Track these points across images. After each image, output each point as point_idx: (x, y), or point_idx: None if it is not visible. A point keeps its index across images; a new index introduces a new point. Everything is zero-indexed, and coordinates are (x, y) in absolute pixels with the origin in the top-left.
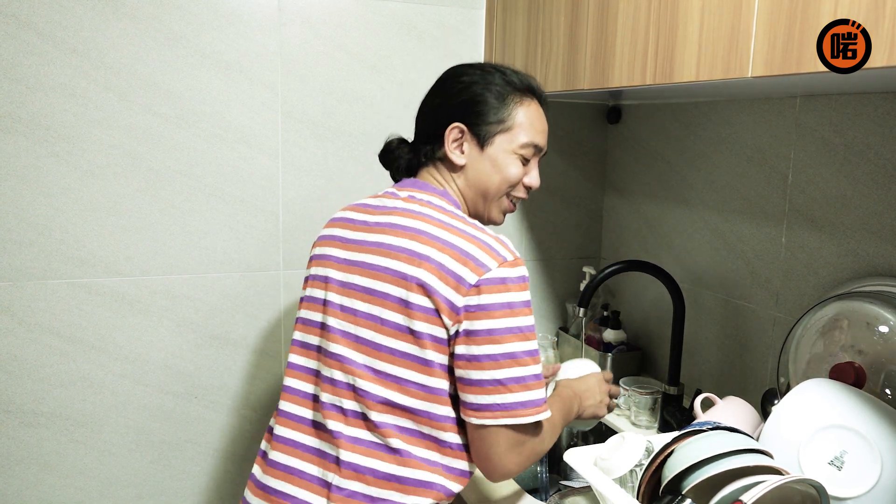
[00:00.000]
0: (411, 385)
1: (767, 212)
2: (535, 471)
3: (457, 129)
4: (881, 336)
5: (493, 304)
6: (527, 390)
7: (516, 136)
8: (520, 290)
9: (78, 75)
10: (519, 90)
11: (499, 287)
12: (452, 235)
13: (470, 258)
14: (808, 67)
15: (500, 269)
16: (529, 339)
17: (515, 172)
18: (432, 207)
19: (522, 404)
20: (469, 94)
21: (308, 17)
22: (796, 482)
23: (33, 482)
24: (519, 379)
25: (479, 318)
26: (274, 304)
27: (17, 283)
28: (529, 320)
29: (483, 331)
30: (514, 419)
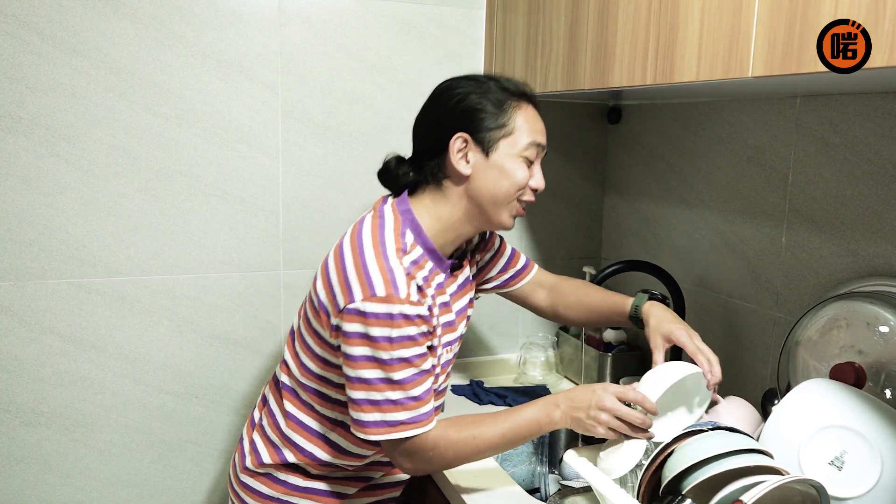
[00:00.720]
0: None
1: (767, 212)
2: (535, 471)
3: (461, 139)
4: (881, 336)
5: (352, 332)
6: (380, 412)
7: (519, 139)
8: (383, 326)
9: (78, 75)
10: (515, 95)
11: (357, 318)
12: (350, 255)
13: (347, 284)
14: (809, 67)
15: (363, 302)
16: (388, 371)
17: (522, 175)
18: (373, 224)
19: (374, 423)
20: (468, 104)
21: (308, 17)
22: (796, 482)
23: (33, 482)
24: (372, 402)
25: (341, 339)
26: (274, 304)
27: (17, 283)
28: (394, 353)
29: (344, 353)
30: (368, 436)
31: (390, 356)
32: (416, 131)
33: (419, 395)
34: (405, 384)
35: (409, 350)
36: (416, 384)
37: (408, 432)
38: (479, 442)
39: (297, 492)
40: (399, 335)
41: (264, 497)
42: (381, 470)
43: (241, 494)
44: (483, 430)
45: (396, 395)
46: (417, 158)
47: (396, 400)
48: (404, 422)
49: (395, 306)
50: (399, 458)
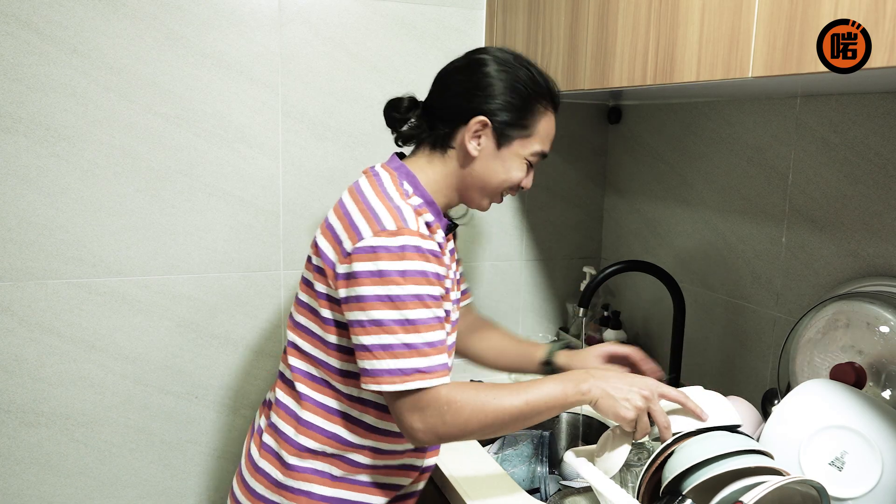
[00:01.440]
0: (313, 336)
1: (768, 212)
2: (535, 471)
3: (481, 123)
4: (881, 336)
5: (362, 272)
6: (393, 358)
7: (532, 143)
8: (394, 259)
9: (78, 75)
10: (547, 99)
11: (368, 255)
12: (352, 203)
13: (353, 226)
14: (809, 68)
15: (374, 237)
16: (402, 308)
17: (519, 176)
18: (370, 178)
19: (388, 371)
20: (510, 92)
21: (308, 17)
22: (797, 483)
23: (34, 482)
24: (385, 346)
25: (351, 284)
26: (274, 304)
27: (17, 283)
28: (406, 290)
29: (352, 297)
30: (379, 386)
31: (403, 292)
32: (438, 91)
33: (434, 341)
34: (419, 325)
35: (423, 287)
36: (431, 328)
37: (422, 382)
38: (498, 404)
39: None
40: (412, 269)
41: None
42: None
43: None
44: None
45: (411, 338)
46: (430, 112)
47: (411, 344)
48: (420, 369)
49: (405, 237)
50: (408, 415)
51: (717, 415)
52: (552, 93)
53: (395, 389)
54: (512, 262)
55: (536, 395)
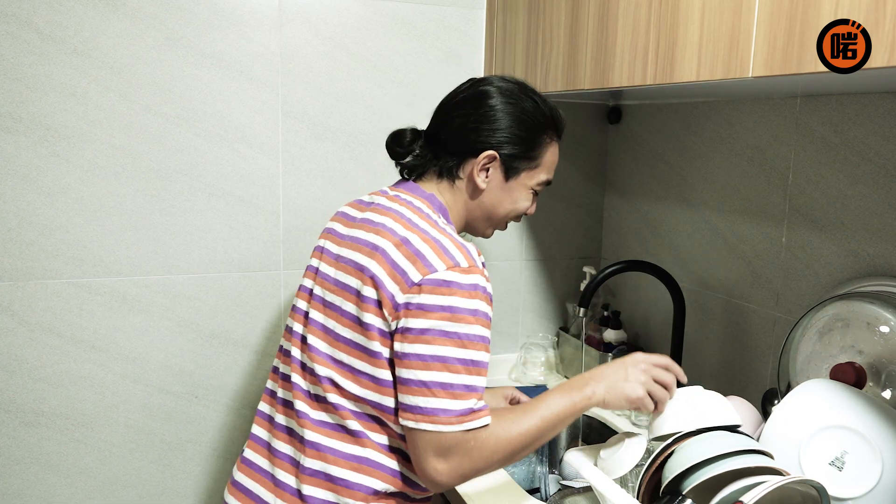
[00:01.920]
0: (362, 375)
1: (768, 212)
2: (535, 471)
3: (489, 157)
4: (881, 336)
5: (432, 305)
6: (453, 398)
7: (539, 174)
8: (467, 297)
9: (78, 75)
10: (551, 127)
11: (441, 289)
12: (410, 233)
13: (420, 256)
14: (809, 68)
15: (448, 271)
16: (468, 348)
17: (526, 206)
18: (408, 207)
19: (445, 411)
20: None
21: (308, 17)
22: (797, 483)
23: (34, 482)
24: (445, 385)
25: (416, 315)
26: (274, 304)
27: (17, 283)
28: (474, 329)
29: (416, 329)
30: (433, 426)
31: (472, 332)
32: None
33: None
34: (481, 368)
35: (486, 330)
36: (485, 375)
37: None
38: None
39: None
40: (481, 310)
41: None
42: None
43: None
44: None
45: (472, 380)
46: (434, 145)
47: (471, 386)
48: (475, 410)
49: (477, 277)
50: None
51: (717, 415)
52: (557, 122)
53: (451, 430)
54: (512, 262)
55: (549, 411)
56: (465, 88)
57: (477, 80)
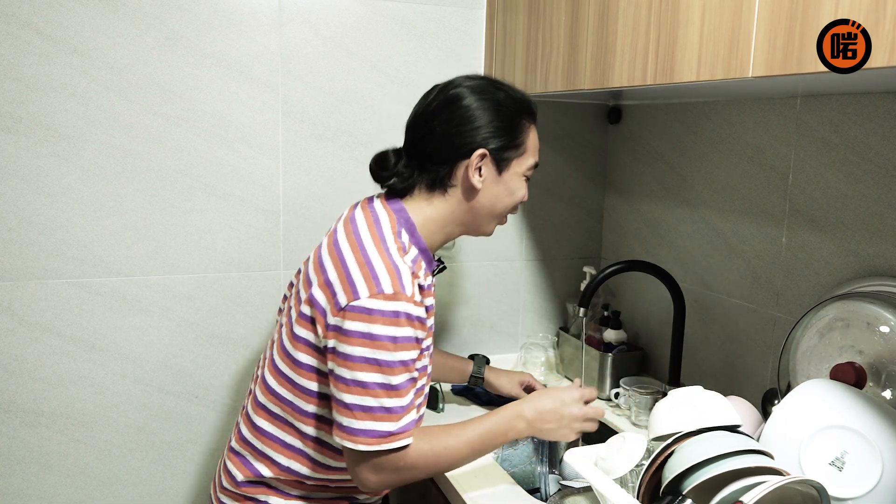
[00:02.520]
0: (284, 378)
1: (768, 212)
2: (535, 471)
3: (480, 156)
4: (881, 336)
5: (353, 331)
6: (373, 420)
7: (527, 159)
8: (387, 325)
9: (79, 75)
10: (528, 114)
11: (363, 316)
12: (350, 253)
13: (350, 281)
14: (809, 68)
15: (369, 299)
16: (386, 374)
17: (521, 194)
18: (370, 222)
19: (365, 432)
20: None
21: (308, 17)
22: (797, 483)
23: (34, 481)
24: (366, 408)
25: (340, 340)
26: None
27: (17, 283)
28: (394, 356)
29: (341, 353)
30: (355, 445)
31: (392, 358)
32: (423, 134)
33: (407, 403)
34: (400, 390)
35: (409, 353)
36: (407, 391)
37: (394, 443)
38: (448, 455)
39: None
40: (403, 336)
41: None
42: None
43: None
44: (452, 443)
45: (391, 403)
46: (418, 158)
47: (391, 408)
48: (393, 433)
49: (402, 304)
50: (365, 472)
51: (717, 415)
52: (531, 106)
53: (369, 450)
54: (512, 262)
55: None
56: (434, 96)
57: (443, 86)
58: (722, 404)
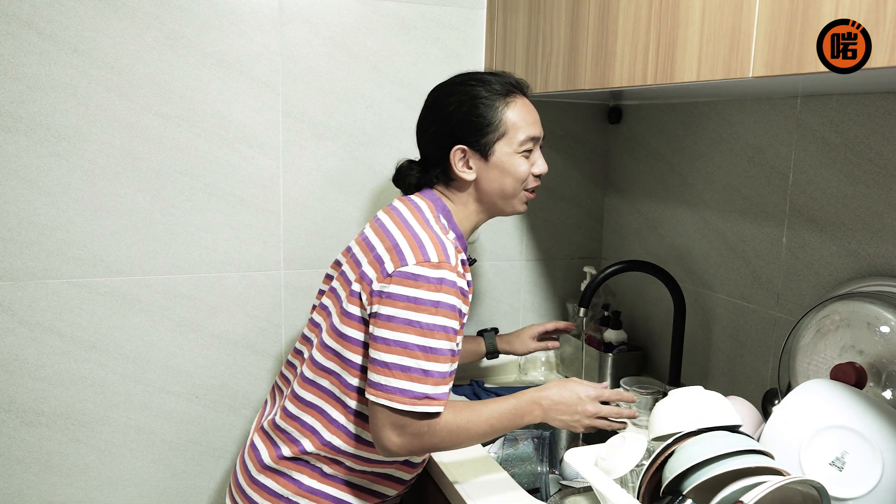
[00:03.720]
0: (333, 353)
1: (768, 212)
2: (535, 471)
3: (459, 151)
4: (882, 336)
5: (399, 295)
6: (409, 381)
7: (514, 137)
8: (432, 290)
9: (79, 75)
10: (502, 94)
11: (409, 281)
12: (395, 227)
13: (396, 249)
14: (809, 68)
15: (417, 266)
16: (427, 337)
17: (524, 170)
18: (409, 206)
19: (401, 391)
20: (460, 115)
21: (309, 17)
22: (797, 483)
23: (34, 481)
24: (404, 368)
25: (385, 304)
26: (274, 304)
27: (18, 283)
28: (435, 320)
29: (384, 315)
30: (390, 402)
31: (433, 322)
32: (419, 139)
33: (446, 371)
34: (439, 355)
35: (450, 321)
36: (445, 361)
37: (429, 407)
38: (470, 427)
39: (307, 493)
40: (445, 302)
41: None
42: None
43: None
44: (475, 417)
45: (430, 367)
46: (424, 162)
47: (428, 371)
48: (429, 396)
49: (446, 272)
50: (390, 431)
51: (718, 415)
52: (508, 85)
53: (403, 409)
54: (512, 262)
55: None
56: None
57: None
58: (722, 404)
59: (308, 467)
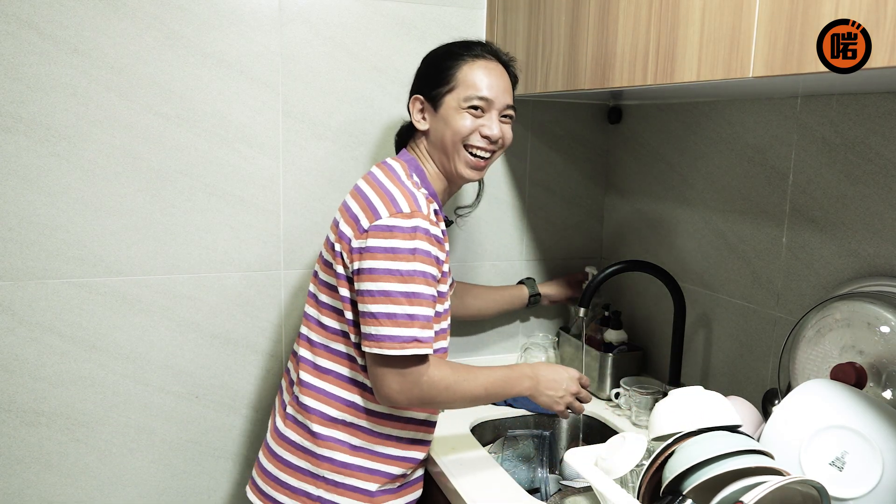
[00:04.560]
0: (334, 311)
1: (768, 212)
2: (535, 471)
3: (417, 101)
4: (882, 336)
5: (377, 248)
6: (396, 326)
7: (460, 93)
8: (407, 239)
9: (79, 75)
10: (461, 55)
11: (384, 233)
12: (368, 186)
13: (370, 206)
14: (809, 68)
15: (390, 217)
16: (408, 283)
17: (464, 125)
18: (382, 168)
19: (390, 338)
20: (425, 67)
21: (309, 17)
22: (797, 483)
23: (34, 481)
24: (390, 315)
25: (365, 258)
26: (274, 304)
27: (17, 283)
28: (413, 266)
29: (366, 269)
30: (381, 350)
31: (412, 268)
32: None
33: (429, 315)
34: (422, 300)
35: (427, 266)
36: (428, 305)
37: (418, 350)
38: (465, 387)
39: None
40: (421, 248)
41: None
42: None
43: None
44: (471, 378)
45: (413, 310)
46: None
47: (413, 315)
48: (417, 338)
49: (418, 220)
50: (390, 378)
51: (718, 415)
52: (469, 46)
53: (395, 354)
54: (512, 262)
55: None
56: None
57: None
58: (722, 404)
59: (338, 443)
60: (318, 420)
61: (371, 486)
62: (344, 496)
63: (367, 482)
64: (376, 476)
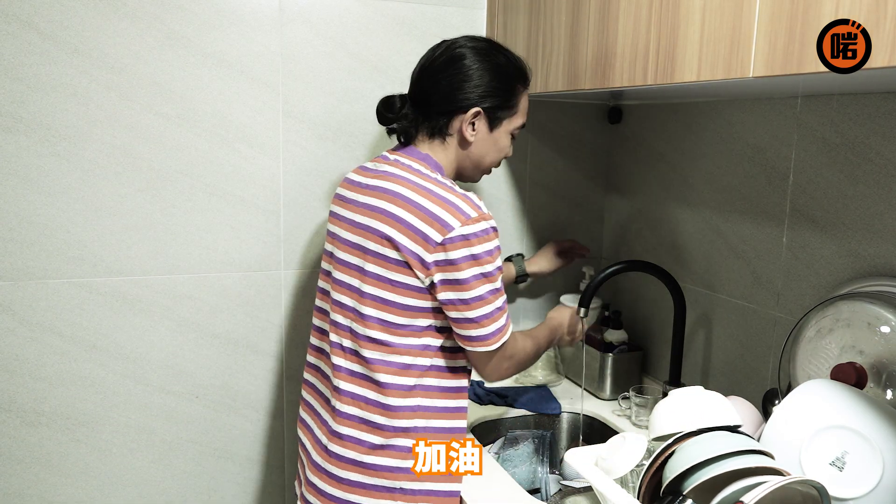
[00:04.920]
0: (390, 325)
1: (768, 212)
2: (535, 471)
3: (475, 112)
4: (882, 336)
5: (459, 258)
6: (493, 322)
7: (517, 119)
8: (482, 243)
9: (79, 75)
10: (523, 77)
11: (462, 243)
12: (421, 197)
13: (436, 219)
14: (809, 68)
15: (462, 227)
16: (493, 280)
17: (508, 150)
18: (412, 171)
19: (492, 334)
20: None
21: (309, 17)
22: (798, 483)
23: (34, 481)
24: (488, 314)
25: (448, 270)
26: (275, 304)
27: (18, 283)
28: (493, 264)
29: (453, 280)
30: (489, 347)
31: (493, 267)
32: (429, 86)
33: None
34: (502, 290)
35: (500, 260)
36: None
37: (508, 334)
38: (529, 351)
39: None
40: (494, 246)
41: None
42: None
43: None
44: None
45: (500, 302)
46: (422, 107)
47: (501, 306)
48: (507, 324)
49: (487, 222)
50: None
51: (718, 415)
52: (527, 72)
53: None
54: None
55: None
56: (441, 52)
57: (450, 43)
58: (722, 404)
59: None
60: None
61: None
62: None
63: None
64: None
